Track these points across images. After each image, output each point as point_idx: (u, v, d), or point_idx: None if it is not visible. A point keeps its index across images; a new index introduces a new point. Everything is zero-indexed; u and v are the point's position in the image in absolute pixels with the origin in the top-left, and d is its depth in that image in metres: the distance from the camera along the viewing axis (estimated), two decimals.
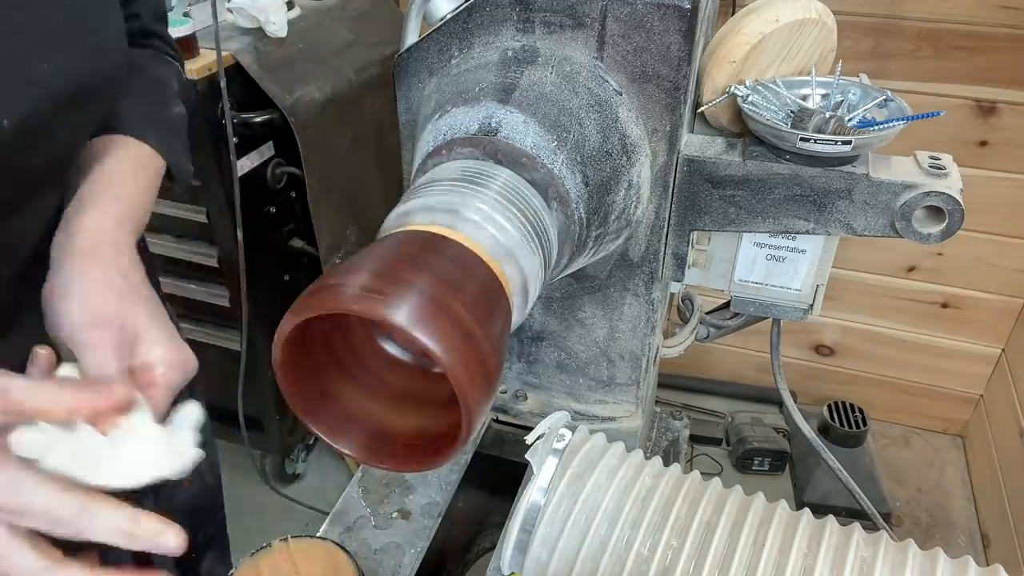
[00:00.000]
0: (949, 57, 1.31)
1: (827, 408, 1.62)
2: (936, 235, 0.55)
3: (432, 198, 0.42)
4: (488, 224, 0.41)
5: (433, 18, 0.59)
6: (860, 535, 0.50)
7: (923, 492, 1.61)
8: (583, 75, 0.53)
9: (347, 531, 0.66)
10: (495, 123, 0.48)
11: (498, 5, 0.54)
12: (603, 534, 0.50)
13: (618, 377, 0.69)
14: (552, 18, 0.53)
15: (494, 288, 0.39)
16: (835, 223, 0.57)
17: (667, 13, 0.51)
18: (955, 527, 1.54)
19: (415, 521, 0.67)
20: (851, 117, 0.57)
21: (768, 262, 0.62)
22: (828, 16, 0.59)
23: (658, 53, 0.52)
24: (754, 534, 0.50)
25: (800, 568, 0.48)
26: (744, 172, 0.57)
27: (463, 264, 0.38)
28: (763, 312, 0.65)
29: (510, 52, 0.53)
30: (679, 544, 0.49)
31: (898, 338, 1.64)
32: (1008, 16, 1.26)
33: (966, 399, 1.67)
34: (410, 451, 0.40)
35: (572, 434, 0.55)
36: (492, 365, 0.35)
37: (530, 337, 0.70)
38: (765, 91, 0.58)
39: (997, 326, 1.56)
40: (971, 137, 1.37)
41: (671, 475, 0.54)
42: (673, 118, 0.55)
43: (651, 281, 0.62)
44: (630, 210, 0.56)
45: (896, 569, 0.47)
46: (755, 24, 0.57)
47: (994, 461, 1.52)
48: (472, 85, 0.51)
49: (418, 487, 0.70)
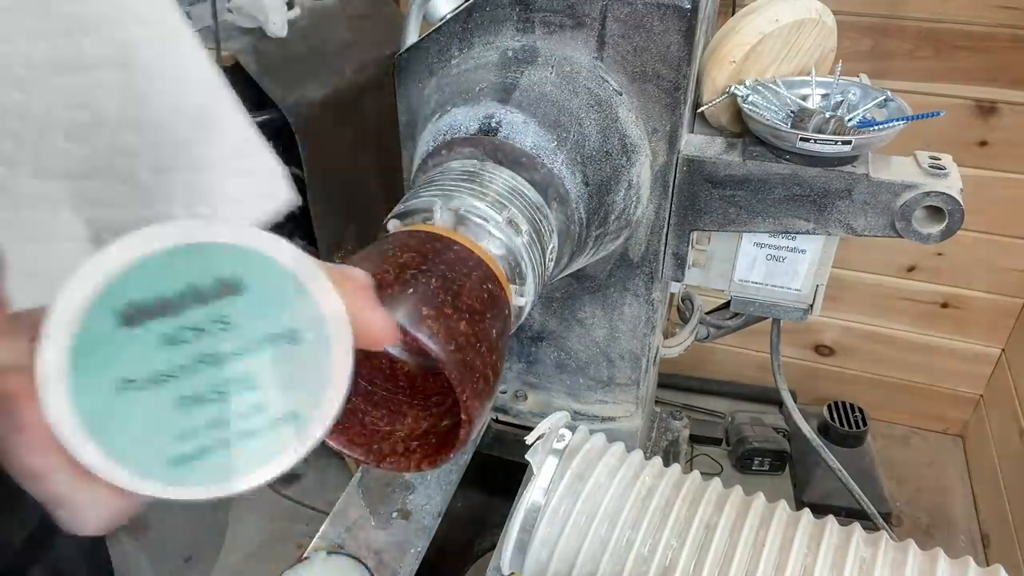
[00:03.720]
0: (949, 57, 1.31)
1: (827, 408, 1.61)
2: (936, 235, 0.55)
3: (432, 198, 0.42)
4: (488, 224, 0.41)
5: (433, 18, 0.59)
6: (860, 535, 0.50)
7: (923, 492, 1.61)
8: (583, 75, 0.53)
9: (347, 531, 0.66)
10: (495, 123, 0.48)
11: (498, 5, 0.54)
12: (603, 534, 0.50)
13: (618, 377, 0.69)
14: (552, 18, 0.53)
15: (494, 288, 0.39)
16: (835, 223, 0.57)
17: (667, 13, 0.51)
18: (955, 527, 1.54)
19: (415, 521, 0.67)
20: (851, 117, 0.57)
21: (768, 262, 0.62)
22: (828, 16, 0.59)
23: (658, 53, 0.52)
24: (754, 534, 0.50)
25: (800, 568, 0.48)
26: (744, 172, 0.57)
27: (463, 264, 0.38)
28: (763, 312, 0.65)
29: (510, 52, 0.53)
30: (679, 544, 0.49)
31: (898, 338, 1.64)
32: (1008, 16, 1.26)
33: (966, 399, 1.67)
34: (410, 451, 0.40)
35: (572, 434, 0.55)
36: (492, 365, 0.35)
37: (530, 337, 0.70)
38: (765, 91, 0.58)
39: (997, 326, 1.55)
40: (971, 137, 1.37)
41: (671, 475, 0.54)
42: (673, 118, 0.55)
43: (651, 281, 0.62)
44: (630, 210, 0.56)
45: (896, 569, 0.47)
46: (755, 24, 0.57)
47: (994, 461, 1.52)
48: (472, 85, 0.51)
49: (418, 487, 0.70)
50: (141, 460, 0.22)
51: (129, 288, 0.22)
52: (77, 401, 0.21)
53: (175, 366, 0.23)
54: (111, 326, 0.22)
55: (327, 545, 0.65)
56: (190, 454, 0.23)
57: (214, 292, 0.24)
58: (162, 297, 0.23)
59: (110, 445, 0.22)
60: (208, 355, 0.23)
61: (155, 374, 0.23)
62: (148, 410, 0.22)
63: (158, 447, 0.22)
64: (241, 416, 0.24)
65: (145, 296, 0.23)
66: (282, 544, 1.35)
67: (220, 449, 0.23)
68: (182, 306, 0.23)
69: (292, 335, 0.25)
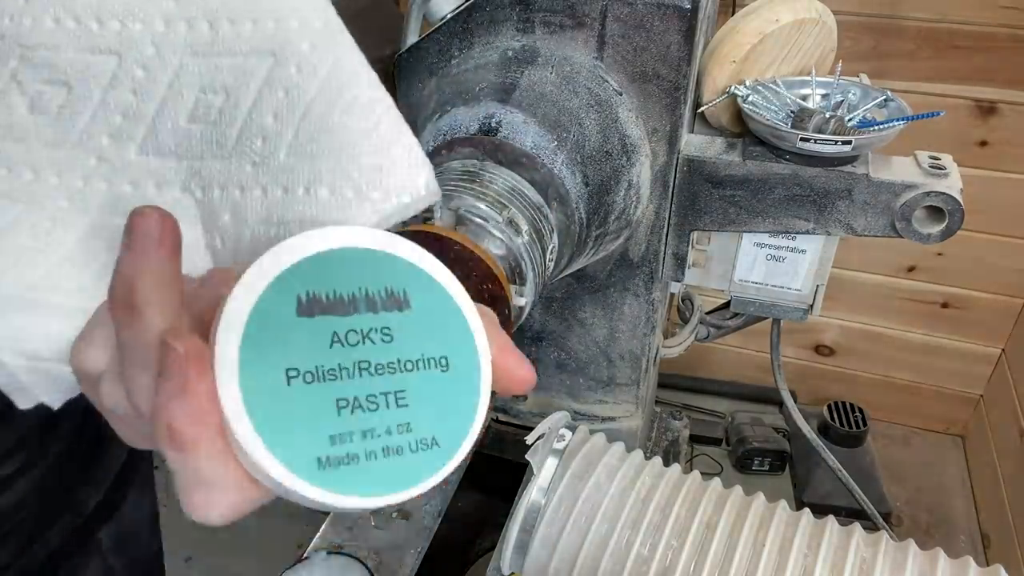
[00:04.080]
0: (949, 57, 1.31)
1: (827, 408, 1.61)
2: (936, 235, 0.55)
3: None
4: (488, 224, 0.41)
5: (433, 18, 0.59)
6: (860, 535, 0.50)
7: (923, 492, 1.61)
8: (583, 75, 0.53)
9: (347, 531, 0.66)
10: (495, 123, 0.48)
11: (498, 5, 0.54)
12: (603, 534, 0.50)
13: (618, 377, 0.69)
14: (552, 18, 0.53)
15: (494, 288, 0.39)
16: (835, 223, 0.57)
17: (667, 13, 0.51)
18: (955, 527, 1.54)
19: (415, 521, 0.67)
20: (851, 117, 0.57)
21: (768, 262, 0.62)
22: (828, 16, 0.59)
23: (658, 53, 0.52)
24: (754, 534, 0.50)
25: (800, 568, 0.48)
26: (744, 172, 0.57)
27: (463, 264, 0.38)
28: (763, 312, 0.65)
29: (510, 52, 0.53)
30: (679, 544, 0.49)
31: (898, 338, 1.64)
32: (1008, 16, 1.25)
33: (966, 399, 1.67)
34: None
35: (572, 434, 0.55)
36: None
37: (530, 337, 0.70)
38: (765, 91, 0.58)
39: (997, 326, 1.55)
40: (971, 137, 1.37)
41: (671, 475, 0.54)
42: (673, 118, 0.55)
43: (651, 281, 0.62)
44: (630, 210, 0.56)
45: (896, 569, 0.47)
46: (755, 24, 0.57)
47: (994, 461, 1.52)
48: (472, 85, 0.51)
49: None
50: (292, 453, 0.22)
51: (309, 278, 0.23)
52: (245, 379, 0.21)
53: (338, 366, 0.23)
54: (289, 310, 0.23)
55: (327, 545, 0.65)
56: (338, 458, 0.22)
57: (383, 302, 0.24)
58: (337, 295, 0.23)
59: (266, 430, 0.21)
60: (367, 363, 0.24)
61: (320, 370, 0.23)
62: (308, 405, 0.22)
63: (310, 444, 0.22)
64: (389, 431, 0.24)
65: (323, 289, 0.23)
66: (282, 544, 1.35)
67: (366, 460, 0.23)
68: (354, 309, 0.24)
69: (445, 363, 0.25)
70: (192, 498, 0.22)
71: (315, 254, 0.23)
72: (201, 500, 0.22)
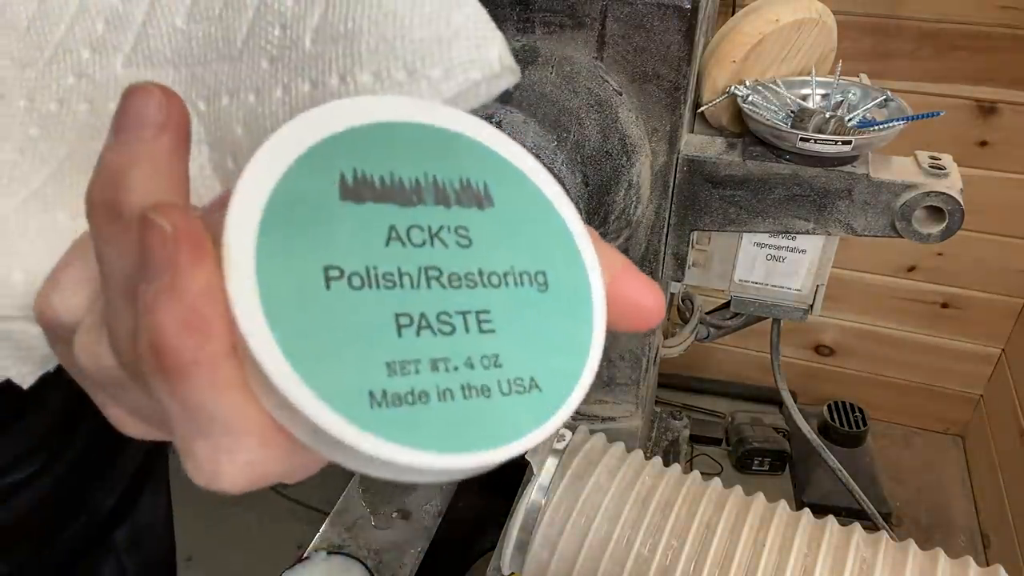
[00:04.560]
0: (949, 57, 1.31)
1: (827, 408, 1.61)
2: (936, 235, 0.55)
3: None
4: None
5: None
6: (860, 535, 0.50)
7: (923, 492, 1.61)
8: (583, 75, 0.53)
9: (347, 531, 0.66)
10: (495, 122, 0.48)
11: (498, 5, 0.54)
12: (603, 534, 0.50)
13: (618, 377, 0.69)
14: (552, 18, 0.53)
15: None
16: (835, 223, 0.57)
17: (667, 13, 0.51)
18: (955, 527, 1.54)
19: (415, 521, 0.67)
20: (851, 117, 0.57)
21: (768, 262, 0.62)
22: (828, 16, 0.59)
23: (658, 53, 0.52)
24: (754, 534, 0.50)
25: (800, 568, 0.48)
26: (744, 172, 0.57)
27: None
28: (763, 312, 0.65)
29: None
30: (679, 544, 0.49)
31: (898, 338, 1.64)
32: (1008, 16, 1.25)
33: (966, 399, 1.67)
34: None
35: (572, 434, 0.55)
36: None
37: None
38: (765, 91, 0.58)
39: (997, 326, 1.55)
40: (971, 137, 1.37)
41: (671, 475, 0.54)
42: (673, 118, 0.55)
43: None
44: (630, 210, 0.56)
45: (896, 569, 0.47)
46: (755, 24, 0.57)
47: (994, 461, 1.52)
48: None
49: (418, 487, 0.70)
50: (332, 382, 0.15)
51: (358, 153, 0.17)
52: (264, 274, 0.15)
53: (397, 270, 0.17)
54: (329, 191, 0.17)
55: (327, 545, 0.65)
56: (399, 395, 0.16)
57: (457, 195, 0.18)
58: (396, 179, 0.18)
59: (294, 349, 0.15)
60: (438, 270, 0.17)
61: (372, 272, 0.16)
62: (356, 317, 0.16)
63: (359, 371, 0.15)
64: (470, 364, 0.17)
65: (376, 170, 0.17)
66: (282, 544, 1.35)
67: (438, 401, 0.16)
68: (418, 199, 0.18)
69: (543, 280, 0.19)
70: (195, 452, 0.16)
71: (365, 124, 0.17)
72: (207, 453, 0.15)
